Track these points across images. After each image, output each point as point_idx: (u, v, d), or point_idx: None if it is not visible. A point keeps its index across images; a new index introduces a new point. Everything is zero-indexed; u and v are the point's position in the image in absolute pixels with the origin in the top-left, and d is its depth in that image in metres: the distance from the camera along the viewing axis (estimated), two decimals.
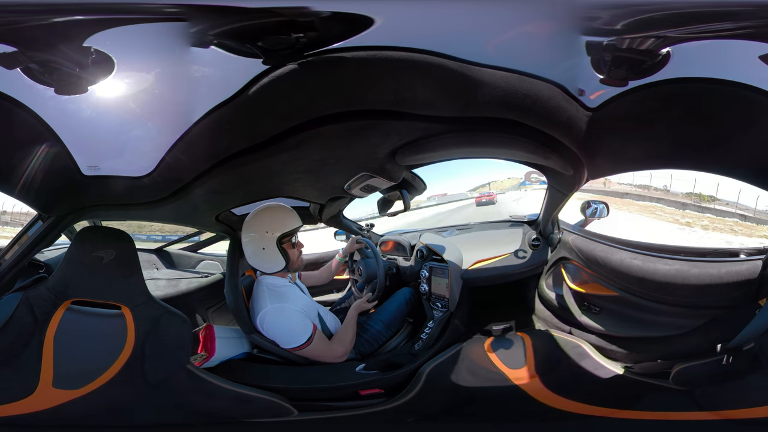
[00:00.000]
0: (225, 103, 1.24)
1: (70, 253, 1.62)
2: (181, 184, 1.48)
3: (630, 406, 1.75)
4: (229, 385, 1.74)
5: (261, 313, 1.93)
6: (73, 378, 1.62)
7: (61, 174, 1.41)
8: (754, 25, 1.08)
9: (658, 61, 1.15)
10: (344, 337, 2.07)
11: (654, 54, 1.14)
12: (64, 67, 1.20)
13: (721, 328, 1.59)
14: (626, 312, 1.94)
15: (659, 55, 1.15)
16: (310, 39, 1.14)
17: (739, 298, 1.60)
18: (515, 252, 2.36)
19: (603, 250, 1.96)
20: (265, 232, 2.01)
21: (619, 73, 1.19)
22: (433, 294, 2.31)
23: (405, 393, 1.81)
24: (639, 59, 1.15)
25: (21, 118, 1.26)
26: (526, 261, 2.36)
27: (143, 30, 1.20)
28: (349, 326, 2.11)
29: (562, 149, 1.45)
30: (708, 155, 1.43)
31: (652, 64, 1.16)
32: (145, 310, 1.65)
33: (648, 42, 1.11)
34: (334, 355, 2.00)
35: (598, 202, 2.31)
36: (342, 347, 2.03)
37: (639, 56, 1.15)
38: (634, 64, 1.17)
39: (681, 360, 1.69)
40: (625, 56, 1.15)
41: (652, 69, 1.17)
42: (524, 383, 1.83)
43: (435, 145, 1.49)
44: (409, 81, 1.22)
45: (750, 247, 1.80)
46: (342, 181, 1.87)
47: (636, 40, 1.11)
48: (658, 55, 1.15)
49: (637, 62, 1.16)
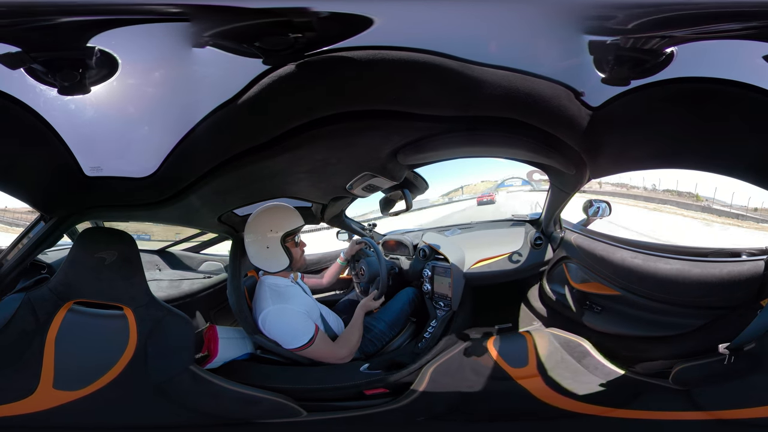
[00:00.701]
0: (226, 104, 1.24)
1: (72, 254, 1.61)
2: (184, 185, 1.48)
3: (630, 406, 1.76)
4: (235, 386, 1.74)
5: (263, 313, 1.93)
6: (75, 379, 1.62)
7: (64, 175, 1.42)
8: (758, 25, 1.08)
9: (661, 60, 1.15)
10: (350, 338, 2.06)
11: (658, 54, 1.14)
12: (67, 67, 1.20)
13: (722, 329, 1.60)
14: (627, 311, 1.95)
15: (663, 55, 1.14)
16: (311, 39, 1.14)
17: (740, 298, 1.61)
18: (509, 256, 2.36)
19: (604, 249, 1.97)
20: (269, 230, 2.02)
21: (622, 73, 1.19)
22: (435, 293, 2.32)
23: (410, 393, 1.82)
24: (642, 59, 1.15)
25: (23, 119, 1.26)
26: (521, 263, 2.35)
27: (145, 31, 1.20)
28: (356, 327, 2.10)
29: (565, 148, 1.45)
30: (710, 155, 1.44)
31: (655, 64, 1.16)
32: (147, 311, 1.65)
33: (653, 42, 1.11)
34: (337, 356, 1.99)
35: (600, 201, 2.31)
36: (347, 348, 2.02)
37: (642, 56, 1.15)
38: (637, 63, 1.16)
39: (682, 360, 1.69)
40: (629, 56, 1.15)
41: (655, 69, 1.17)
42: (526, 382, 1.83)
43: (437, 144, 1.49)
44: (410, 81, 1.21)
45: (752, 248, 1.80)
46: (344, 181, 1.87)
47: (640, 39, 1.11)
48: (662, 55, 1.14)
49: (640, 62, 1.16)
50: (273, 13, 1.09)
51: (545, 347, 1.93)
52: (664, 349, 1.80)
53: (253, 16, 1.09)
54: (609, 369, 1.84)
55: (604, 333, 1.98)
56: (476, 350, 1.89)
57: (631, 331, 1.91)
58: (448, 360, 1.88)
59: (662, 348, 1.81)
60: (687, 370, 1.67)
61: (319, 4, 1.10)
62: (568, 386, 1.82)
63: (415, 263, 2.51)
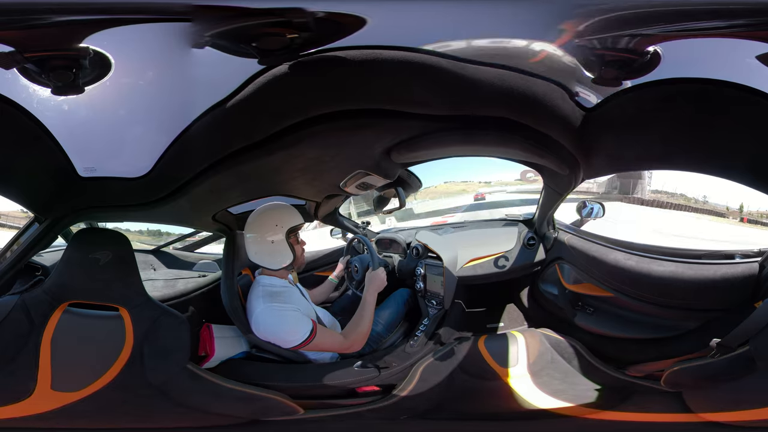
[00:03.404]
0: (220, 103, 1.24)
1: (67, 255, 1.61)
2: (178, 184, 1.48)
3: (621, 408, 1.77)
4: (234, 385, 1.74)
5: (254, 314, 1.91)
6: (73, 380, 1.62)
7: (58, 176, 1.42)
8: (747, 23, 1.09)
9: (647, 60, 1.16)
10: (359, 324, 1.99)
11: (642, 53, 1.15)
12: (61, 67, 1.20)
13: (715, 331, 1.59)
14: (620, 313, 1.95)
15: (647, 54, 1.15)
16: (306, 39, 1.14)
17: (734, 300, 1.62)
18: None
19: (598, 250, 1.97)
20: (275, 225, 2.01)
21: (610, 73, 1.20)
22: (428, 291, 2.31)
23: (400, 390, 1.83)
24: (628, 59, 1.16)
25: (17, 119, 1.25)
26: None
27: (139, 30, 1.20)
28: (366, 311, 2.02)
29: (558, 148, 1.45)
30: (703, 156, 1.44)
31: (641, 64, 1.17)
32: (143, 311, 1.64)
33: (633, 40, 1.12)
34: (345, 345, 1.96)
35: (593, 202, 2.31)
36: (354, 336, 1.96)
37: (627, 56, 1.16)
38: (623, 64, 1.17)
39: (674, 362, 1.70)
40: (613, 56, 1.16)
41: (642, 69, 1.18)
42: (516, 382, 1.85)
43: (430, 143, 1.49)
44: (403, 80, 1.22)
45: (745, 250, 1.81)
46: (338, 179, 1.87)
47: (621, 38, 1.12)
48: (647, 54, 1.15)
49: (626, 62, 1.17)
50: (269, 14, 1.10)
51: (536, 348, 1.94)
52: (657, 351, 1.81)
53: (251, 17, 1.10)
54: (600, 371, 1.86)
55: (596, 334, 1.98)
56: (467, 349, 1.90)
57: (623, 333, 1.92)
58: (439, 358, 1.90)
59: (655, 350, 1.82)
60: (679, 372, 1.67)
61: (314, 4, 1.11)
62: (558, 387, 1.83)
63: (408, 261, 2.51)
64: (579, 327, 2.03)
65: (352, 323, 2.02)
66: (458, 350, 1.92)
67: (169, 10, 1.17)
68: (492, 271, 2.34)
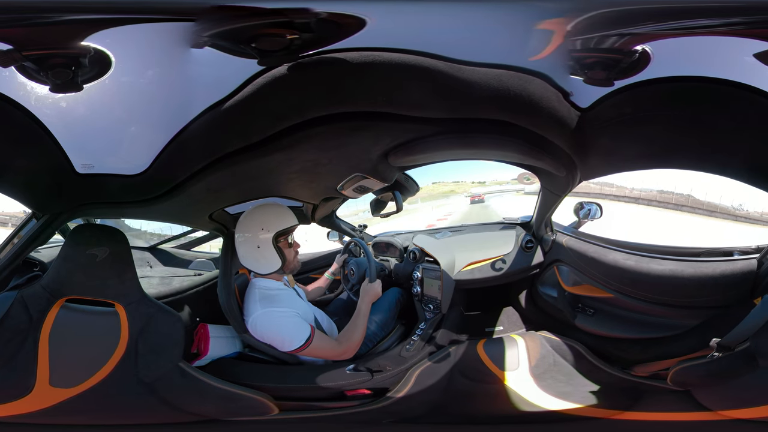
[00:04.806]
0: (219, 102, 1.25)
1: (64, 251, 1.62)
2: (175, 182, 1.49)
3: (627, 408, 1.75)
4: (219, 384, 1.74)
5: (251, 318, 1.89)
6: (70, 376, 1.62)
7: (55, 172, 1.43)
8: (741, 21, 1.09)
9: (635, 59, 1.16)
10: (353, 333, 1.98)
11: (629, 52, 1.15)
12: (60, 65, 1.21)
13: (716, 328, 1.58)
14: (621, 313, 1.94)
15: (635, 53, 1.15)
16: (305, 40, 1.15)
17: (733, 297, 1.61)
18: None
19: (596, 251, 1.96)
20: (260, 229, 1.95)
21: (599, 74, 1.20)
22: (425, 296, 2.30)
23: (394, 393, 1.81)
24: (616, 58, 1.17)
25: (15, 116, 1.26)
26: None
27: (139, 29, 1.21)
28: (360, 320, 2.00)
29: (555, 150, 1.45)
30: (701, 154, 1.44)
31: (630, 63, 1.17)
32: (138, 307, 1.65)
33: (620, 40, 1.12)
34: (339, 352, 1.94)
35: (591, 204, 2.31)
36: (348, 344, 1.95)
37: (615, 55, 1.16)
38: (611, 63, 1.18)
39: (678, 360, 1.69)
40: (602, 56, 1.16)
41: (631, 68, 1.18)
42: (519, 386, 1.83)
43: (427, 146, 1.49)
44: (401, 83, 1.23)
45: (744, 247, 1.80)
46: (335, 182, 1.87)
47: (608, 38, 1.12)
48: (635, 53, 1.15)
49: (614, 62, 1.17)
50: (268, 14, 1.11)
51: (537, 350, 1.93)
52: (659, 351, 1.79)
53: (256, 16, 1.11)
54: (604, 371, 1.84)
55: (597, 335, 1.97)
56: (465, 353, 1.89)
57: (625, 333, 1.90)
58: (436, 362, 1.88)
59: (657, 349, 1.80)
60: (685, 371, 1.66)
61: (315, 4, 1.12)
62: (564, 389, 1.81)
63: (405, 265, 2.51)
64: (580, 329, 2.01)
65: (346, 331, 2.00)
66: (456, 354, 1.91)
67: (175, 10, 1.18)
68: (490, 275, 2.32)
